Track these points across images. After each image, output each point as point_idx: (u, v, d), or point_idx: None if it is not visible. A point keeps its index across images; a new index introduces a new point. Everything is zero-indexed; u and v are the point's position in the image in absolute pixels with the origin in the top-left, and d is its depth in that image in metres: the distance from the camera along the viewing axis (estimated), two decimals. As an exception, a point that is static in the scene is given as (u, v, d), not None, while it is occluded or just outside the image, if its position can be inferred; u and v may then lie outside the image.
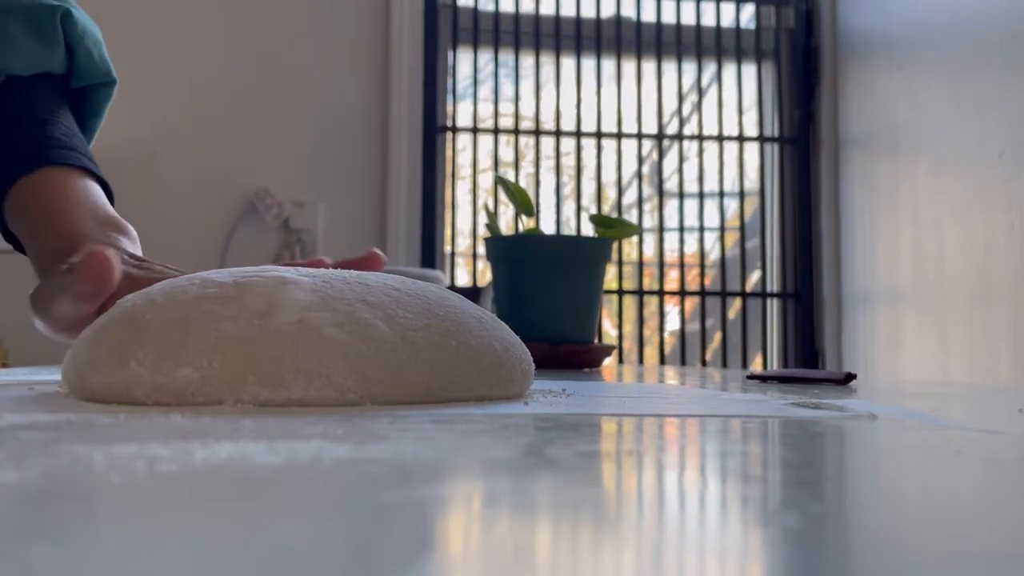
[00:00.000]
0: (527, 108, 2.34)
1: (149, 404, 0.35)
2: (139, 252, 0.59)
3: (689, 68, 2.41)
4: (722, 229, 2.41)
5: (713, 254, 2.41)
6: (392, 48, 2.18)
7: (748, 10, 2.44)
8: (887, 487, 0.22)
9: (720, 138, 2.37)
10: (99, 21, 0.73)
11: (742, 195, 2.38)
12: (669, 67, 2.38)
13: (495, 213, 1.30)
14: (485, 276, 2.20)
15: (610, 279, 2.29)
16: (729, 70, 2.42)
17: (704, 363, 2.33)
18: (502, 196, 2.19)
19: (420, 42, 2.21)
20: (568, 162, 2.34)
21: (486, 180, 2.30)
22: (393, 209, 2.15)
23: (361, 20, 2.18)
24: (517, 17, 2.33)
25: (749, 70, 2.42)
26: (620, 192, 2.34)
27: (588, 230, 2.43)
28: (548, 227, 2.27)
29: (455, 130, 2.29)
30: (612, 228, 1.04)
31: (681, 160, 2.39)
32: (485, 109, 2.31)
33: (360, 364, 0.35)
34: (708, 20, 2.40)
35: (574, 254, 1.00)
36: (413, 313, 0.38)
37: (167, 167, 2.09)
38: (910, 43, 2.09)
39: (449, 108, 2.29)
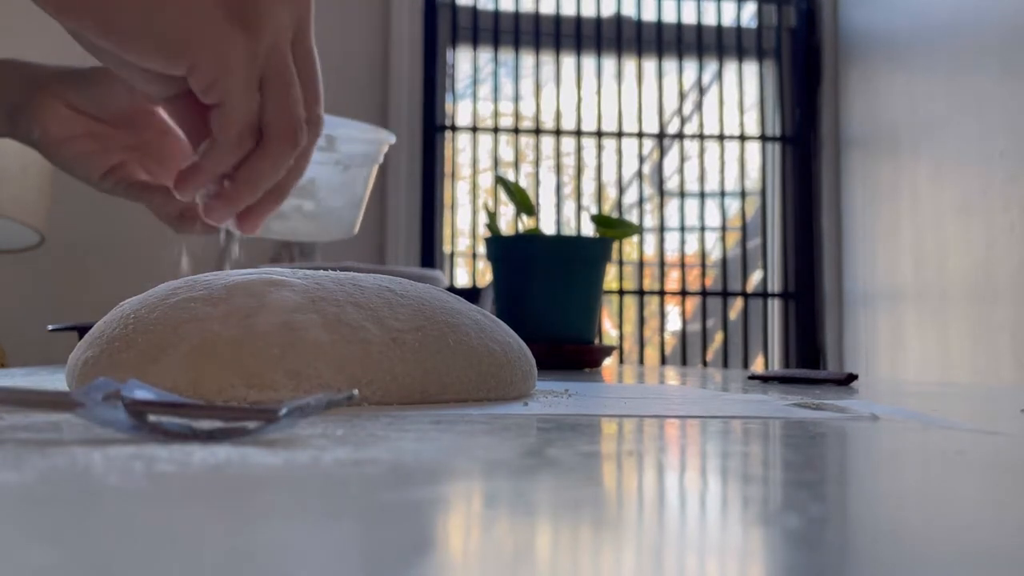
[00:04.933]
0: (527, 107, 2.34)
1: None
2: None
3: (690, 67, 2.41)
4: (723, 229, 2.41)
5: (714, 254, 2.41)
6: (392, 48, 2.18)
7: (749, 9, 2.44)
8: (889, 488, 0.21)
9: (721, 137, 2.37)
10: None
11: (743, 195, 2.38)
12: (670, 66, 2.38)
13: (495, 213, 1.31)
14: (485, 276, 2.20)
15: (611, 279, 2.29)
16: (730, 69, 2.42)
17: (705, 363, 2.33)
18: (502, 196, 2.19)
19: (420, 41, 2.21)
20: (568, 162, 2.34)
21: (486, 180, 2.30)
22: (393, 209, 2.15)
23: (361, 20, 2.18)
24: (517, 16, 2.33)
25: (750, 69, 2.42)
26: (621, 192, 2.34)
27: (588, 230, 2.43)
28: (548, 227, 2.27)
29: (455, 129, 2.29)
30: (612, 228, 1.04)
31: (682, 159, 2.39)
32: (485, 108, 2.31)
33: (347, 366, 0.35)
34: (709, 19, 2.40)
35: (574, 254, 1.00)
36: (406, 315, 0.38)
37: (167, 167, 2.09)
38: (911, 43, 2.09)
39: (449, 107, 2.29)
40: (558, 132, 2.32)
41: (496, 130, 2.30)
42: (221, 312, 0.36)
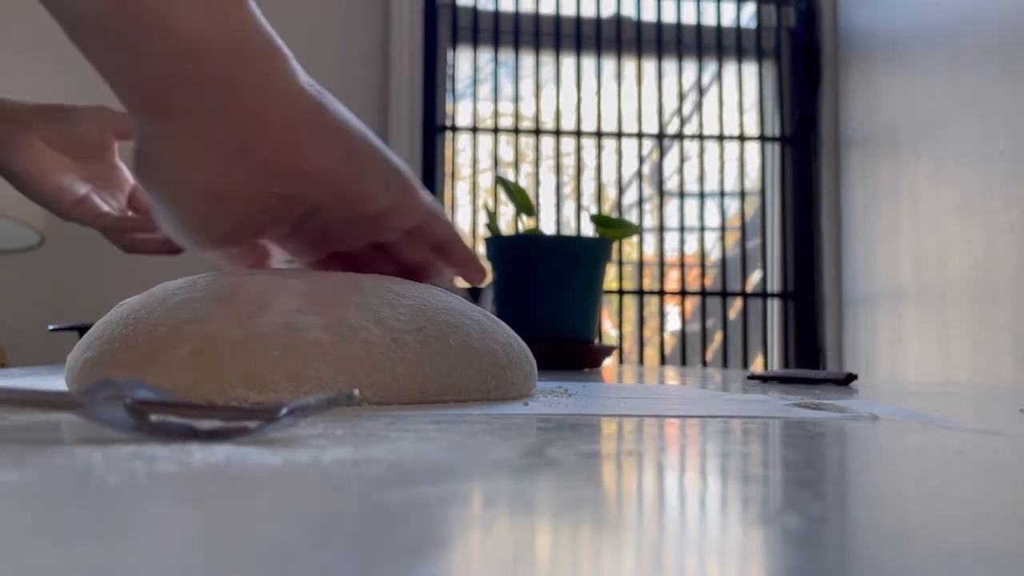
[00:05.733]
0: (527, 108, 2.34)
1: None
2: None
3: (690, 67, 2.41)
4: (723, 229, 2.41)
5: (714, 254, 2.41)
6: (392, 48, 2.18)
7: (749, 9, 2.44)
8: (888, 488, 0.21)
9: (721, 137, 2.37)
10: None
11: (743, 195, 2.38)
12: (670, 66, 2.38)
13: (495, 213, 1.31)
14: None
15: (610, 279, 2.29)
16: (730, 69, 2.42)
17: (705, 363, 2.33)
18: (502, 196, 2.19)
19: (420, 42, 2.21)
20: (568, 162, 2.34)
21: (486, 180, 2.30)
22: (393, 209, 2.15)
23: (361, 20, 2.18)
24: (517, 16, 2.33)
25: (750, 69, 2.42)
26: (620, 192, 2.34)
27: (588, 230, 2.43)
28: (548, 227, 2.27)
29: (455, 130, 2.29)
30: (612, 228, 1.04)
31: (682, 160, 2.39)
32: (485, 109, 2.31)
33: (348, 367, 0.35)
34: (709, 19, 2.40)
35: (574, 254, 1.00)
36: (407, 315, 0.38)
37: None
38: (911, 43, 2.09)
39: (449, 108, 2.29)
40: (558, 132, 2.32)
41: (496, 130, 2.30)
42: (222, 313, 0.36)
